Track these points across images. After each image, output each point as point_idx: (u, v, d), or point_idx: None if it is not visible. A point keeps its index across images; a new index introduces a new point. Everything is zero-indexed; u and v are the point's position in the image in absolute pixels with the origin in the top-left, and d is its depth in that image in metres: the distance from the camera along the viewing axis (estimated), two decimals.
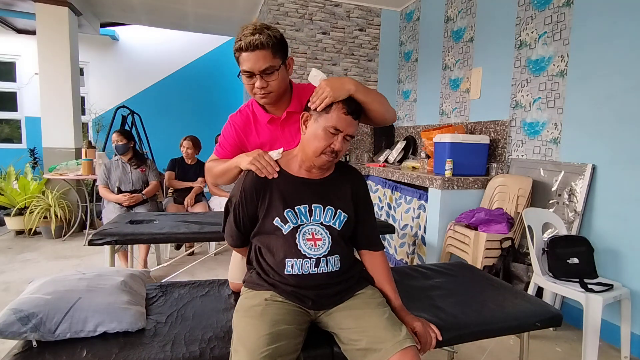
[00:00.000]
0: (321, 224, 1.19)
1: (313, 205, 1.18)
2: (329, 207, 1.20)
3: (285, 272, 1.15)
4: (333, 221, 1.20)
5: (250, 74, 1.20)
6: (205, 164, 1.45)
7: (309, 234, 1.17)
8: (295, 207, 1.17)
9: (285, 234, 1.16)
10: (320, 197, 1.20)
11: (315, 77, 1.18)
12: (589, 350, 1.85)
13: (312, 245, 1.16)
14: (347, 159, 4.41)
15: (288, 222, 1.16)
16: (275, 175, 1.18)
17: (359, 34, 4.47)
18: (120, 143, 3.28)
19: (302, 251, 1.15)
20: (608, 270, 2.18)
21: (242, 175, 1.23)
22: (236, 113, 1.40)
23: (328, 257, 1.17)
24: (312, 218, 1.18)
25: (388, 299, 1.22)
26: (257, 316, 1.07)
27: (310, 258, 1.15)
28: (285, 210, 1.16)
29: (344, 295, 1.19)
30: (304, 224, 1.17)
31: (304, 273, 1.15)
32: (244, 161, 1.21)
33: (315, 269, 1.15)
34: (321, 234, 1.18)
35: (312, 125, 1.15)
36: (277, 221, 1.16)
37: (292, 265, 1.15)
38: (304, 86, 1.38)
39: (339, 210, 1.21)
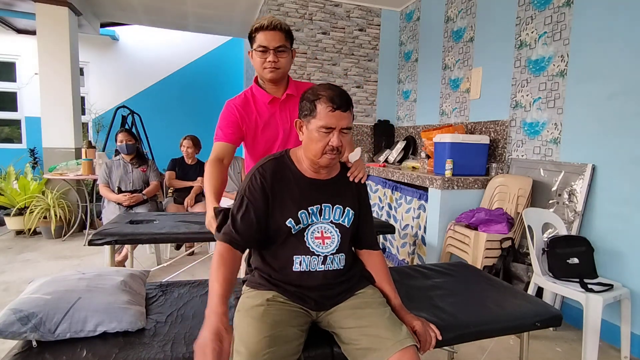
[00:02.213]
0: (331, 222, 1.20)
1: (323, 204, 1.19)
2: (337, 205, 1.21)
3: (293, 269, 1.15)
4: (342, 219, 1.21)
5: (265, 49, 1.42)
6: (206, 163, 1.51)
7: (318, 232, 1.18)
8: (309, 208, 1.17)
9: (294, 233, 1.16)
10: (329, 196, 1.21)
11: (357, 153, 1.36)
12: (589, 350, 1.85)
13: (320, 243, 1.17)
14: None
15: (300, 222, 1.16)
16: None
17: (359, 34, 4.47)
18: (129, 143, 3.31)
19: (310, 248, 1.16)
20: (608, 270, 2.18)
21: (250, 172, 1.20)
22: (234, 97, 1.56)
23: (335, 256, 1.19)
24: (322, 217, 1.19)
25: (387, 298, 1.23)
26: (258, 317, 1.07)
27: (318, 255, 1.17)
28: (299, 212, 1.16)
29: (344, 295, 1.20)
30: (313, 223, 1.18)
31: (310, 270, 1.16)
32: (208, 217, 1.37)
33: (322, 266, 1.17)
34: (331, 232, 1.19)
35: (307, 130, 1.15)
36: (290, 222, 1.15)
37: (300, 262, 1.16)
38: (304, 83, 1.60)
39: (347, 208, 1.22)
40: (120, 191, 3.23)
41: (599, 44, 2.29)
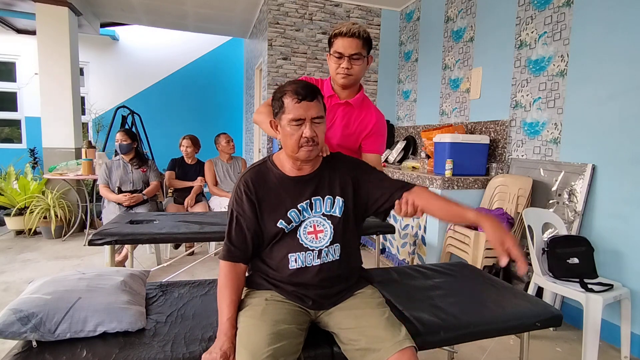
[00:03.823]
0: (323, 214, 1.20)
1: (313, 198, 1.19)
2: (328, 196, 1.21)
3: (290, 267, 1.15)
4: (333, 209, 1.20)
5: (341, 55, 1.45)
6: (260, 106, 1.57)
7: (310, 226, 1.18)
8: (298, 205, 1.17)
9: (287, 232, 1.16)
10: (318, 189, 1.20)
11: None
12: (589, 350, 1.85)
13: (313, 238, 1.17)
14: None
15: (292, 222, 1.16)
16: None
17: None
18: (124, 142, 3.30)
19: (304, 245, 1.16)
20: (608, 270, 2.18)
21: (235, 184, 1.22)
22: (311, 78, 1.60)
23: (329, 247, 1.18)
24: (313, 211, 1.19)
25: (464, 214, 1.14)
26: (257, 316, 1.07)
27: (312, 250, 1.16)
28: (289, 211, 1.16)
29: (343, 295, 1.20)
30: (306, 219, 1.18)
31: (307, 265, 1.16)
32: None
33: (318, 260, 1.17)
34: (323, 225, 1.19)
35: (280, 127, 1.16)
36: (281, 223, 1.16)
37: (296, 259, 1.16)
38: (370, 102, 1.65)
39: (337, 197, 1.21)
40: (120, 191, 3.23)
41: (599, 44, 2.29)
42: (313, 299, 1.16)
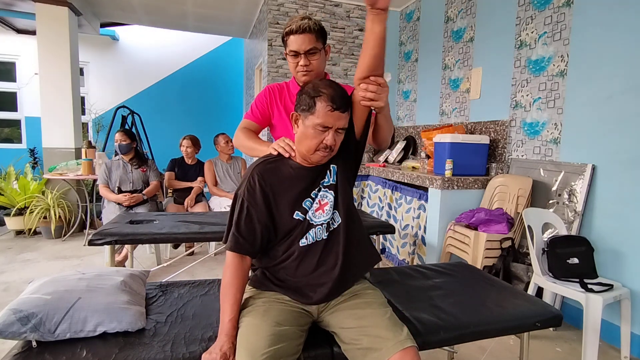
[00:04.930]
0: (324, 186, 1.21)
1: (322, 182, 1.20)
2: (328, 173, 1.22)
3: (300, 244, 1.16)
4: (332, 179, 1.21)
5: (296, 54, 1.41)
6: (236, 130, 1.56)
7: (317, 202, 1.19)
8: (312, 194, 1.18)
9: (302, 221, 1.17)
10: (327, 174, 1.21)
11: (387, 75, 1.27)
12: (589, 350, 1.85)
13: (321, 213, 1.18)
14: None
15: (307, 211, 1.17)
16: (294, 154, 1.20)
17: (359, 34, 4.47)
18: (123, 143, 3.30)
19: (315, 223, 1.17)
20: (608, 270, 2.18)
21: (247, 172, 1.20)
22: (274, 84, 1.60)
23: (333, 216, 1.19)
24: (320, 192, 1.20)
25: (368, 28, 1.10)
26: (259, 317, 1.08)
27: (322, 224, 1.17)
28: (304, 201, 1.17)
29: (346, 286, 1.20)
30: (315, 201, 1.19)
31: (317, 240, 1.17)
32: (269, 148, 1.28)
33: (327, 232, 1.18)
34: (326, 197, 1.19)
35: (302, 124, 1.14)
36: (297, 214, 1.16)
37: (307, 237, 1.17)
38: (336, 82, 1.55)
39: (331, 167, 1.22)
40: (120, 191, 3.24)
41: (599, 44, 2.29)
42: (320, 292, 1.15)
